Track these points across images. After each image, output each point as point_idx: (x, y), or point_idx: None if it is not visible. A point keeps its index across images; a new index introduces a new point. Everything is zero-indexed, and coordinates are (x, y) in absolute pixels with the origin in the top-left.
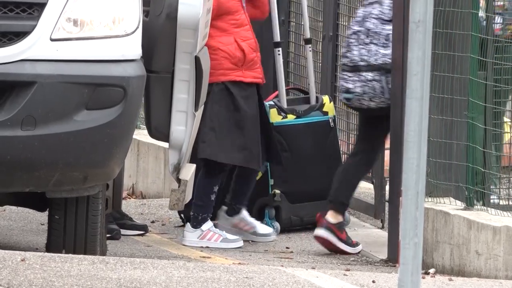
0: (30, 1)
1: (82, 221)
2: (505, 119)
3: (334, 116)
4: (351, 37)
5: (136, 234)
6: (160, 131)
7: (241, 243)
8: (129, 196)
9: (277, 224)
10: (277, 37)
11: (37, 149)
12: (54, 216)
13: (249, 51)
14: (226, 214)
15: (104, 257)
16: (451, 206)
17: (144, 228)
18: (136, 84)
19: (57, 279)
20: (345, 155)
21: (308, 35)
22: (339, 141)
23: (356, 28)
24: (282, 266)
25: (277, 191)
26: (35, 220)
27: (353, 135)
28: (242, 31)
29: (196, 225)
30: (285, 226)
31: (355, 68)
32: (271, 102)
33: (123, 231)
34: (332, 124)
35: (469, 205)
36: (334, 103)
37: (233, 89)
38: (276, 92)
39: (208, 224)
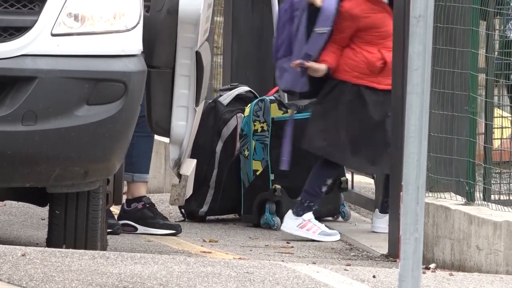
0: None
1: (82, 216)
2: (505, 113)
3: None
4: None
5: (167, 234)
6: (161, 126)
7: (338, 237)
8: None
9: (277, 219)
10: None
11: (38, 144)
12: (54, 211)
13: (390, 61)
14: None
15: (105, 252)
16: (451, 201)
17: (176, 228)
18: (137, 79)
19: (57, 274)
20: None
21: None
22: None
23: None
24: (282, 261)
25: (278, 186)
26: (36, 215)
27: None
28: (386, 41)
29: (300, 211)
30: None
31: None
32: (272, 97)
33: (154, 231)
34: None
35: (470, 200)
36: None
37: (366, 94)
38: (277, 87)
39: (310, 215)
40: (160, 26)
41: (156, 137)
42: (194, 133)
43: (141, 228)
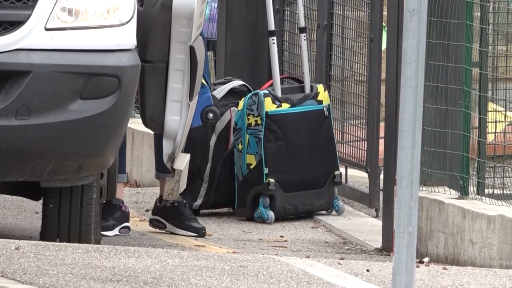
0: None
1: (76, 210)
2: (499, 108)
3: (329, 105)
4: None
5: (190, 236)
6: (155, 120)
7: None
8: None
9: (271, 213)
10: (272, 26)
11: (32, 138)
12: (48, 205)
13: None
14: None
15: (99, 245)
16: (445, 195)
17: (198, 231)
18: (131, 74)
19: (51, 268)
20: (339, 144)
21: (302, 24)
22: (334, 130)
23: None
24: (276, 255)
25: (272, 180)
26: (30, 209)
27: (347, 124)
28: None
29: None
30: (279, 215)
31: None
32: (266, 91)
33: (178, 231)
34: (326, 113)
35: (464, 194)
36: (329, 92)
37: None
38: (271, 81)
39: None
40: (154, 21)
41: (150, 130)
42: (187, 128)
43: (168, 226)
